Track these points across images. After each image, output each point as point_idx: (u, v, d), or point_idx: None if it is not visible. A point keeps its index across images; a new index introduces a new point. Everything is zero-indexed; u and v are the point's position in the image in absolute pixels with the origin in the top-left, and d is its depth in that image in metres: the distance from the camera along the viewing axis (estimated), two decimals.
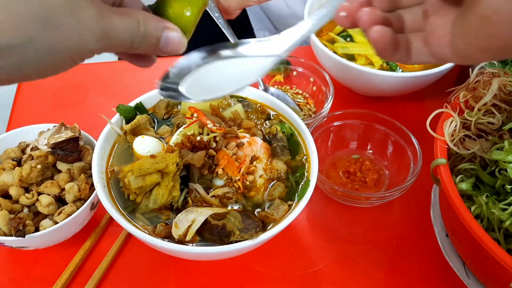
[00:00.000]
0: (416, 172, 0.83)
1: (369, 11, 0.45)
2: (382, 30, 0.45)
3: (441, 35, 0.46)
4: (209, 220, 0.65)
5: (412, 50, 0.49)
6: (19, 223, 0.70)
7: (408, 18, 0.50)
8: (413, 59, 0.49)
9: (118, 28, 0.40)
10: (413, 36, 0.49)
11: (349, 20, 0.47)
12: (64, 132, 0.81)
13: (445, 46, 0.46)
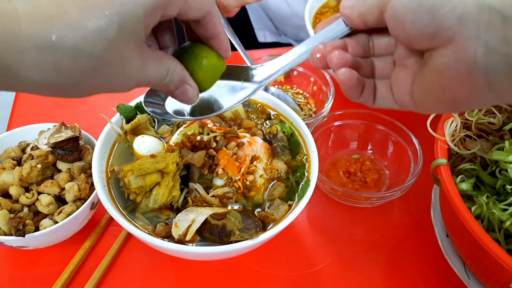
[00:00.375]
0: (417, 172, 0.83)
1: (339, 54, 0.49)
2: (348, 72, 0.49)
3: (403, 84, 0.49)
4: (209, 220, 0.65)
5: (377, 95, 0.52)
6: (19, 222, 0.70)
7: (379, 65, 0.53)
8: (377, 103, 0.52)
9: (151, 76, 0.44)
10: (380, 82, 0.52)
11: (322, 62, 0.50)
12: (64, 131, 0.81)
13: (406, 95, 0.49)
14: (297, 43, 1.50)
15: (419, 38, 0.43)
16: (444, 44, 0.41)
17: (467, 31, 0.39)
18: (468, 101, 0.43)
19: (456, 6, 0.39)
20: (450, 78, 0.42)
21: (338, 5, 1.15)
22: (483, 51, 0.39)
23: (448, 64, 0.42)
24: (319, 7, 1.14)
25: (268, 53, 1.16)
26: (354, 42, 0.52)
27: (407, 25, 0.43)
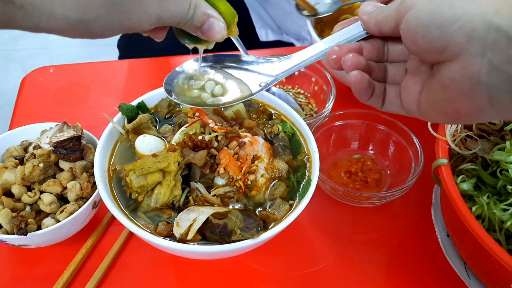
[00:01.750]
0: (418, 172, 0.83)
1: (352, 57, 0.51)
2: (359, 75, 0.51)
3: (412, 92, 0.51)
4: (210, 219, 0.65)
5: (386, 99, 0.54)
6: (21, 221, 0.70)
7: (391, 71, 0.55)
8: (385, 107, 0.54)
9: (171, 11, 0.45)
10: (390, 88, 0.54)
11: (337, 63, 0.52)
12: (67, 130, 0.81)
13: (413, 103, 0.51)
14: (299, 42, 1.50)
15: (429, 51, 0.45)
16: (452, 59, 0.43)
17: (474, 48, 0.41)
18: (469, 114, 0.45)
19: (465, 24, 0.41)
20: (454, 91, 0.44)
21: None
22: (487, 68, 0.40)
23: (453, 78, 0.43)
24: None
25: (270, 53, 1.17)
26: (370, 45, 0.53)
27: (418, 38, 0.45)
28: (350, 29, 0.54)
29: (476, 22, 0.40)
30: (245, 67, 0.60)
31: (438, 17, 0.43)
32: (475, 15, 0.41)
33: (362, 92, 0.52)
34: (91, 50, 2.83)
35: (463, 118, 0.46)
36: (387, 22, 0.49)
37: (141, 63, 1.20)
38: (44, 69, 1.16)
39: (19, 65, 2.75)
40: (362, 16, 0.52)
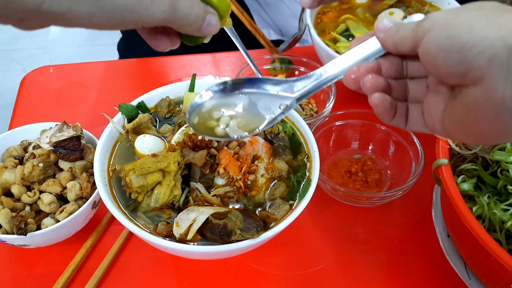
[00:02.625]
0: (418, 172, 0.83)
1: (372, 79, 0.50)
2: (381, 97, 0.50)
3: (435, 111, 0.50)
4: (210, 219, 0.65)
5: (409, 118, 0.53)
6: (21, 221, 0.70)
7: (412, 88, 0.54)
8: (409, 126, 0.54)
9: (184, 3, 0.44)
10: (413, 106, 0.53)
11: (356, 84, 0.52)
12: (66, 130, 0.81)
13: (437, 122, 0.50)
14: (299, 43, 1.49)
15: (450, 76, 0.44)
16: (474, 83, 0.42)
17: (496, 73, 0.40)
18: (496, 137, 0.45)
19: (485, 49, 0.40)
20: (478, 116, 0.43)
21: (340, 5, 1.15)
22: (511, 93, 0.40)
23: (476, 103, 0.43)
24: (321, 6, 1.14)
25: (270, 52, 1.16)
26: (388, 63, 0.53)
27: (438, 63, 0.44)
28: (367, 46, 0.53)
29: (497, 46, 0.40)
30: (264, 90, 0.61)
31: (458, 41, 0.42)
32: (494, 38, 0.40)
33: (385, 113, 0.52)
34: (91, 50, 2.83)
35: (489, 140, 0.46)
36: (404, 43, 0.48)
37: (141, 63, 1.20)
38: (44, 69, 1.16)
39: (19, 65, 2.75)
40: (378, 34, 0.51)
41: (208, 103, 0.63)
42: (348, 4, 1.15)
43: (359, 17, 1.11)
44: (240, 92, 0.62)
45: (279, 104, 0.60)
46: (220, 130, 0.62)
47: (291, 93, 0.59)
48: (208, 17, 0.50)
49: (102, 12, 0.39)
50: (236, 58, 1.19)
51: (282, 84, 0.60)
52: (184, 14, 0.45)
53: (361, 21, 1.09)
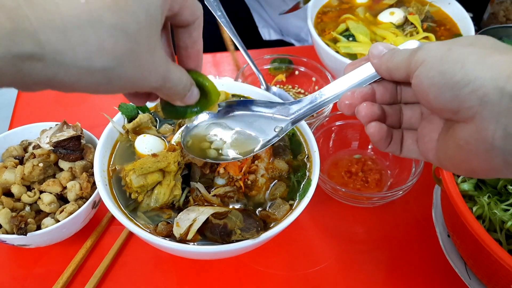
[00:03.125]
0: (418, 172, 0.83)
1: (366, 107, 0.51)
2: (377, 126, 0.51)
3: (429, 140, 0.50)
4: (210, 219, 0.65)
5: (404, 146, 0.53)
6: (21, 221, 0.70)
7: (406, 114, 0.54)
8: (403, 153, 0.54)
9: (175, 75, 0.47)
10: (407, 134, 0.54)
11: (350, 109, 0.52)
12: (66, 130, 0.81)
13: (430, 151, 0.50)
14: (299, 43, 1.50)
15: (442, 111, 0.45)
16: (465, 121, 0.43)
17: (487, 113, 0.40)
18: (486, 174, 0.45)
19: (477, 88, 0.40)
20: (468, 153, 0.43)
21: (341, 5, 1.15)
22: (502, 134, 0.40)
23: (467, 141, 0.43)
24: (321, 6, 1.14)
25: (270, 52, 1.17)
26: (382, 88, 0.53)
27: (430, 97, 0.44)
28: (362, 71, 0.53)
29: (488, 87, 0.40)
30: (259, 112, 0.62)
31: (450, 79, 0.42)
32: (486, 79, 0.40)
33: (381, 142, 0.52)
34: None
35: (480, 175, 0.46)
36: (399, 71, 0.48)
37: None
38: None
39: None
40: (372, 59, 0.51)
41: (202, 124, 0.65)
42: (349, 4, 1.15)
43: (359, 17, 1.11)
44: (234, 114, 0.63)
45: (274, 127, 0.62)
46: (213, 153, 0.64)
47: (286, 116, 0.61)
48: (193, 88, 0.52)
49: (108, 83, 0.41)
50: (236, 57, 1.19)
51: (277, 106, 0.61)
52: (173, 84, 0.47)
53: (361, 21, 1.09)
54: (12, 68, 0.35)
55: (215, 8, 1.00)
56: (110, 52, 0.38)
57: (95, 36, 0.37)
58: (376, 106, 0.51)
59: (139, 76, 0.42)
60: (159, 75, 0.45)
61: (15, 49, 0.34)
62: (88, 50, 0.37)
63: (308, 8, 1.07)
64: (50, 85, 0.38)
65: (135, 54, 0.40)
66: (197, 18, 0.49)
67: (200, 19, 0.50)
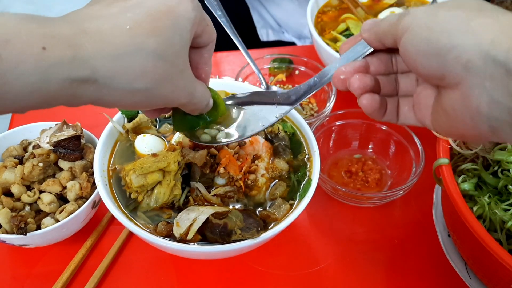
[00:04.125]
0: (418, 172, 0.83)
1: (359, 78, 0.51)
2: (369, 98, 0.51)
3: (424, 106, 0.50)
4: (210, 219, 0.65)
5: (400, 113, 0.54)
6: (21, 221, 0.70)
7: (403, 82, 0.54)
8: (400, 120, 0.54)
9: (199, 91, 0.51)
10: (404, 101, 0.54)
11: (344, 84, 0.52)
12: (66, 130, 0.81)
13: (427, 118, 0.50)
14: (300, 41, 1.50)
15: (429, 77, 0.45)
16: (451, 87, 0.43)
17: (472, 79, 0.40)
18: (474, 139, 0.46)
19: (460, 54, 0.40)
20: (455, 120, 0.44)
21: (341, 4, 1.15)
22: (487, 100, 0.40)
23: (453, 107, 0.43)
24: (322, 6, 1.14)
25: (270, 52, 1.16)
26: (376, 60, 0.53)
27: (417, 65, 0.45)
28: (356, 48, 0.54)
29: (471, 52, 0.39)
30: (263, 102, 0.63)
31: (434, 45, 0.42)
32: (470, 45, 0.39)
33: (375, 113, 0.52)
34: None
35: (469, 140, 0.47)
36: (386, 38, 0.49)
37: None
38: None
39: None
40: (363, 34, 0.52)
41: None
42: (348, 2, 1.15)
43: (359, 16, 1.11)
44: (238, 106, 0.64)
45: (275, 114, 0.62)
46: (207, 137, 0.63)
47: (288, 104, 0.61)
48: (210, 99, 0.56)
49: (145, 102, 0.45)
50: (236, 57, 1.19)
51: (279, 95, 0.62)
52: (198, 100, 0.52)
53: (361, 21, 1.08)
54: (69, 90, 0.39)
55: (215, 8, 1.00)
56: (151, 75, 0.43)
57: (139, 61, 0.41)
58: (368, 77, 0.51)
59: (172, 95, 0.46)
60: (188, 92, 0.49)
61: (74, 74, 0.38)
62: (133, 74, 0.41)
63: (308, 8, 1.07)
64: (94, 104, 0.43)
65: (170, 75, 0.44)
66: (212, 41, 0.53)
67: (213, 42, 0.53)
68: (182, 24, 0.45)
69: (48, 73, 0.36)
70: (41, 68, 0.35)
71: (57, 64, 0.36)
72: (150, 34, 0.42)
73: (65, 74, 0.37)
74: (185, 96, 0.49)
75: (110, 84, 0.40)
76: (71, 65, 0.37)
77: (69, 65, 0.37)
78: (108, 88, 0.40)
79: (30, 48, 0.35)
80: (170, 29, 0.43)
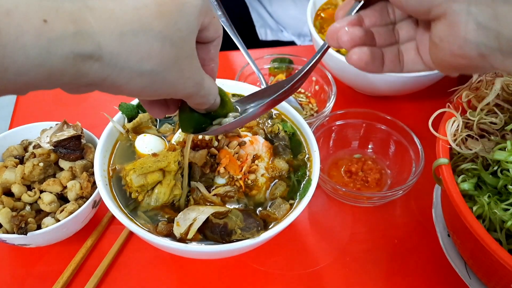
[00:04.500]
0: (418, 172, 0.83)
1: (348, 31, 0.49)
2: (358, 51, 0.49)
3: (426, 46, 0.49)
4: (210, 218, 0.65)
5: (405, 60, 0.52)
6: (21, 220, 0.70)
7: (402, 28, 0.53)
8: (406, 68, 0.52)
9: (207, 83, 0.49)
10: (407, 46, 0.52)
11: (335, 39, 0.50)
12: (67, 130, 0.81)
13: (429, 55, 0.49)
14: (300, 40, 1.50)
15: (417, 13, 0.45)
16: (439, 18, 0.43)
17: (457, 7, 0.40)
18: (466, 69, 0.45)
19: None
20: (445, 51, 0.44)
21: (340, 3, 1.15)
22: (474, 26, 0.40)
23: (441, 38, 0.43)
24: (322, 4, 1.14)
25: (270, 52, 1.17)
26: (371, 11, 0.52)
27: (402, 2, 0.45)
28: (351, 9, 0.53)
29: None
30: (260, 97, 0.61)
31: None
32: None
33: (368, 67, 0.50)
34: None
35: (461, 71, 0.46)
36: None
37: None
38: None
39: None
40: None
41: None
42: None
43: None
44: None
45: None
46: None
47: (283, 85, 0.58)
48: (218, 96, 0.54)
49: (152, 86, 0.43)
50: (236, 57, 1.19)
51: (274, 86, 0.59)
52: (206, 92, 0.50)
53: None
54: (73, 67, 0.37)
55: (215, 8, 1.01)
56: (158, 57, 0.41)
57: (146, 41, 0.40)
58: (357, 29, 0.50)
59: (179, 81, 0.45)
60: (195, 81, 0.47)
61: (77, 49, 0.36)
62: (139, 54, 0.40)
63: (308, 8, 1.07)
64: (101, 86, 0.41)
65: (177, 60, 0.43)
66: (218, 37, 0.51)
67: (220, 38, 0.52)
68: (189, 10, 0.44)
69: (50, 47, 0.35)
70: (42, 41, 0.34)
71: (60, 38, 0.35)
72: (156, 16, 0.41)
73: (68, 48, 0.36)
74: (192, 85, 0.47)
75: (117, 63, 0.39)
76: (74, 39, 0.36)
77: (72, 39, 0.36)
78: (114, 67, 0.39)
79: (31, 20, 0.34)
80: (177, 13, 0.42)
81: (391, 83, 0.97)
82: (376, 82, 0.97)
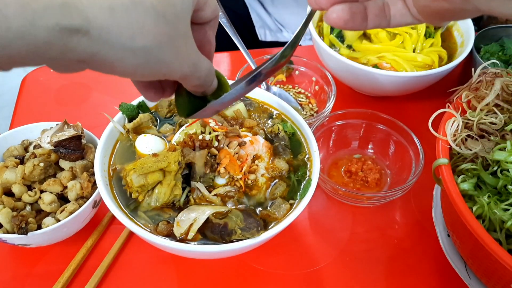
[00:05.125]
0: (418, 172, 0.83)
1: None
2: (337, 9, 0.48)
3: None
4: (210, 218, 0.65)
5: (393, 13, 0.50)
6: (22, 220, 0.70)
7: None
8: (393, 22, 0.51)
9: (204, 64, 0.48)
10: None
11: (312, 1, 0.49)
12: (67, 130, 0.81)
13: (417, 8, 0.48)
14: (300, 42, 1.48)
15: None
16: None
17: None
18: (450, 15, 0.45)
19: None
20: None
21: None
22: None
23: None
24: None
25: (270, 52, 1.17)
26: None
27: None
28: None
29: None
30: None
31: None
32: None
33: (349, 24, 0.48)
34: None
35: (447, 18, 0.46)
36: None
37: None
38: (45, 68, 1.16)
39: None
40: None
41: None
42: None
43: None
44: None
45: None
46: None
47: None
48: (214, 78, 0.52)
49: (146, 65, 0.41)
50: (236, 58, 1.19)
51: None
52: (202, 72, 0.48)
53: None
54: (60, 41, 0.35)
55: None
56: (151, 33, 0.40)
57: (138, 17, 0.39)
58: None
59: (174, 60, 0.43)
60: (191, 62, 0.46)
61: (64, 22, 0.35)
62: (132, 30, 0.38)
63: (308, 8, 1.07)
64: (92, 64, 0.39)
65: (172, 38, 0.42)
66: (215, 17, 0.50)
67: (217, 18, 0.51)
68: None
69: (35, 19, 0.33)
70: (26, 13, 0.33)
71: (45, 9, 0.34)
72: None
73: (53, 20, 0.34)
74: (188, 65, 0.45)
75: (107, 39, 0.37)
76: (60, 11, 0.35)
77: (59, 11, 0.34)
78: (104, 43, 0.37)
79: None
80: None
81: (391, 83, 0.97)
82: (376, 82, 0.97)
